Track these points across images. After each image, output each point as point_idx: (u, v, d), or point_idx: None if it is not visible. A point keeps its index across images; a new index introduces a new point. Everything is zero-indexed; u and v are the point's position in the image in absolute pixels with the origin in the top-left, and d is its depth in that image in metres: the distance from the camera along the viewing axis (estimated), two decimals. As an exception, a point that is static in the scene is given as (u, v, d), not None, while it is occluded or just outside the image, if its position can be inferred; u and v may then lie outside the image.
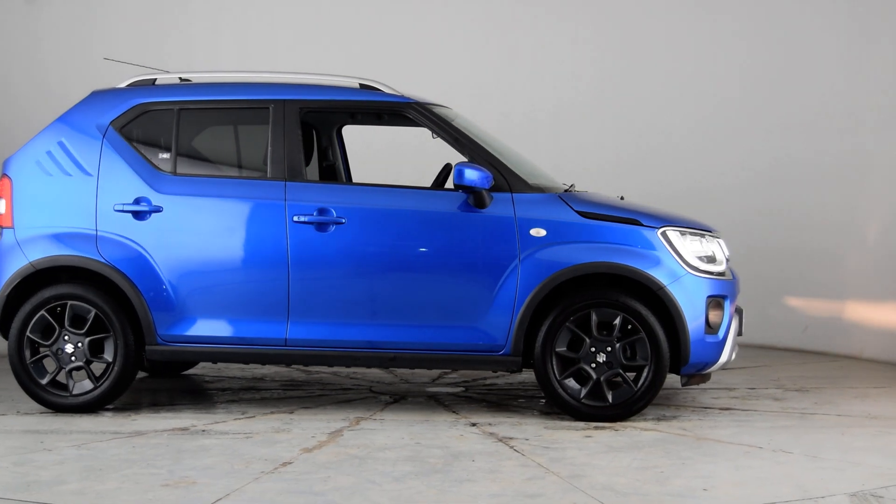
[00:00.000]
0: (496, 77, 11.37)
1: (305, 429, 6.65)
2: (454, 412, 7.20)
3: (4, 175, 7.27)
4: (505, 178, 6.99)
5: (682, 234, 7.00)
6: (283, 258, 6.98)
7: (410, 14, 11.42)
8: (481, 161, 7.02)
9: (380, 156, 9.46)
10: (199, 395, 7.83)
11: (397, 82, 7.67)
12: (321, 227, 6.97)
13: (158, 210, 7.07)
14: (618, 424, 6.82)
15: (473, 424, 6.83)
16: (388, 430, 6.61)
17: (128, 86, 7.41)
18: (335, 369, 8.84)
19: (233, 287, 7.04)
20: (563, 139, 11.30)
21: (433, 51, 11.41)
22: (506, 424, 6.83)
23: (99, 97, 7.36)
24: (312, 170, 8.17)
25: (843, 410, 7.38)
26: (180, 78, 7.58)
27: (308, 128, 7.96)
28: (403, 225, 7.00)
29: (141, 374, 8.59)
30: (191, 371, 8.82)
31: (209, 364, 8.91)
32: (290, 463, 5.81)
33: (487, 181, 6.87)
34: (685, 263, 6.91)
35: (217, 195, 7.08)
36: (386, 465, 5.78)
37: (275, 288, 7.00)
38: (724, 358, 7.08)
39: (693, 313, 6.89)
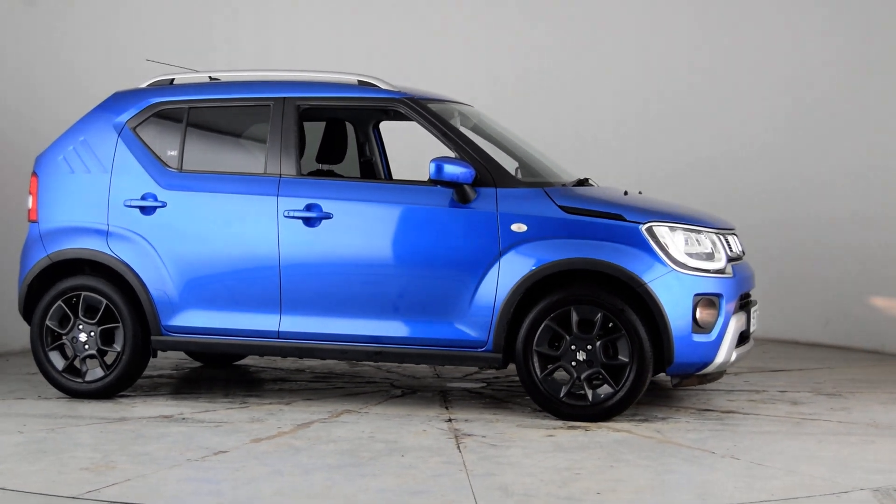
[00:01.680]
0: (567, 78, 11.27)
1: (281, 420, 6.78)
2: (445, 408, 7.19)
3: (33, 172, 7.69)
4: (490, 173, 6.93)
5: (672, 229, 6.77)
6: (274, 252, 7.13)
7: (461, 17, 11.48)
8: (466, 156, 6.98)
9: (418, 150, 9.49)
10: (224, 384, 8.05)
11: (441, 80, 7.70)
12: (310, 221, 7.09)
13: (163, 205, 7.34)
14: (595, 424, 6.67)
15: (449, 420, 6.81)
16: (357, 424, 6.68)
17: (148, 86, 7.71)
18: (379, 363, 8.93)
19: (229, 280, 7.23)
20: (651, 141, 11.12)
21: (479, 49, 11.48)
22: (480, 422, 6.77)
23: (118, 97, 7.69)
24: (349, 166, 8.30)
25: (853, 418, 6.98)
26: (210, 77, 7.83)
27: (341, 124, 8.08)
28: (388, 220, 7.04)
29: (195, 364, 8.91)
30: (243, 361, 9.07)
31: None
32: (226, 452, 5.96)
33: (467, 176, 6.83)
34: (671, 260, 6.69)
35: (216, 190, 7.29)
36: (314, 457, 5.86)
37: (268, 281, 7.16)
38: (720, 359, 6.81)
39: (678, 312, 6.66)
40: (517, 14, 11.50)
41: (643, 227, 6.75)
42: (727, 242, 7.12)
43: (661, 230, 6.76)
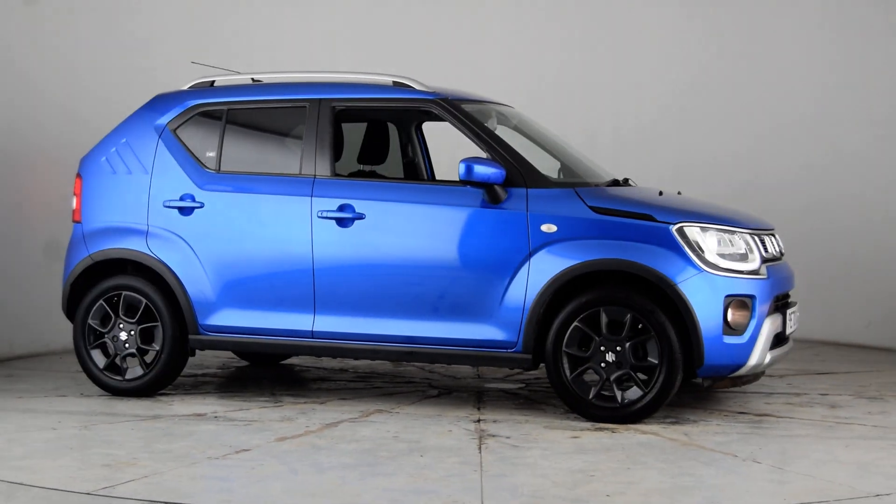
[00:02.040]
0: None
1: (311, 419, 6.83)
2: (477, 409, 7.19)
3: (77, 174, 7.83)
4: (521, 173, 6.91)
5: (704, 230, 6.69)
6: (308, 253, 7.18)
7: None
8: (497, 156, 6.96)
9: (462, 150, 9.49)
10: (267, 383, 8.13)
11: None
12: (343, 222, 7.13)
13: (200, 206, 7.43)
14: (624, 426, 6.62)
15: (478, 421, 6.80)
16: (385, 424, 6.70)
17: (189, 88, 7.81)
18: (422, 364, 8.94)
19: (264, 280, 7.30)
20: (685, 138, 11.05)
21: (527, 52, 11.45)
22: (509, 423, 6.76)
23: (160, 99, 7.81)
24: (393, 167, 8.33)
25: (889, 422, 6.84)
26: (252, 79, 7.91)
27: (382, 125, 8.12)
28: (419, 220, 7.05)
29: (242, 363, 9.01)
30: (289, 360, 9.15)
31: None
32: (248, 450, 6.02)
33: (498, 176, 6.82)
34: (702, 261, 6.61)
35: (252, 191, 7.36)
36: (332, 456, 5.89)
37: (302, 281, 7.21)
38: (753, 361, 6.71)
39: (708, 313, 6.58)
40: (555, 13, 11.49)
41: (674, 228, 6.68)
42: (763, 243, 7.02)
43: (693, 230, 6.68)
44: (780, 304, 7.03)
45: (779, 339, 7.00)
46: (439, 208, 7.02)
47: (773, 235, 7.43)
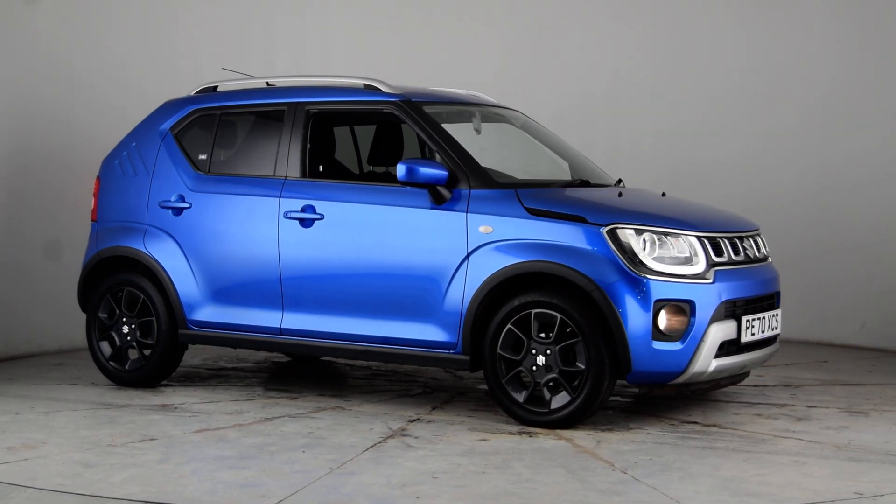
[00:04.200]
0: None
1: (259, 414, 7.03)
2: (432, 409, 7.20)
3: (97, 176, 8.33)
4: (466, 174, 6.90)
5: (639, 232, 6.49)
6: (276, 252, 7.40)
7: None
8: (445, 157, 6.98)
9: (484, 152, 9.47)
10: (295, 379, 8.39)
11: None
12: (305, 222, 7.30)
13: (189, 206, 7.77)
14: (546, 431, 6.51)
15: (414, 420, 6.84)
16: (319, 420, 6.83)
17: (195, 93, 8.17)
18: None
19: (241, 278, 7.56)
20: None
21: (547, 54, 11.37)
22: (441, 423, 6.73)
23: (167, 105, 8.21)
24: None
25: (828, 438, 6.42)
26: (267, 83, 8.22)
27: (394, 126, 8.24)
28: (371, 221, 7.14)
29: (283, 359, 9.30)
30: (330, 358, 9.36)
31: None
32: (154, 439, 6.30)
33: (439, 178, 6.83)
34: (633, 264, 6.42)
35: (231, 192, 7.64)
36: (221, 448, 6.10)
37: (271, 280, 7.43)
38: (695, 369, 6.47)
39: (636, 318, 6.38)
40: (551, 19, 11.54)
41: (604, 230, 6.51)
42: (729, 246, 6.74)
43: (625, 232, 6.50)
44: (741, 310, 6.71)
45: (741, 347, 6.71)
46: (389, 209, 7.09)
47: (753, 237, 7.12)
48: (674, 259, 6.51)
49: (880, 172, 10.20)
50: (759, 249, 7.16)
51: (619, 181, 7.84)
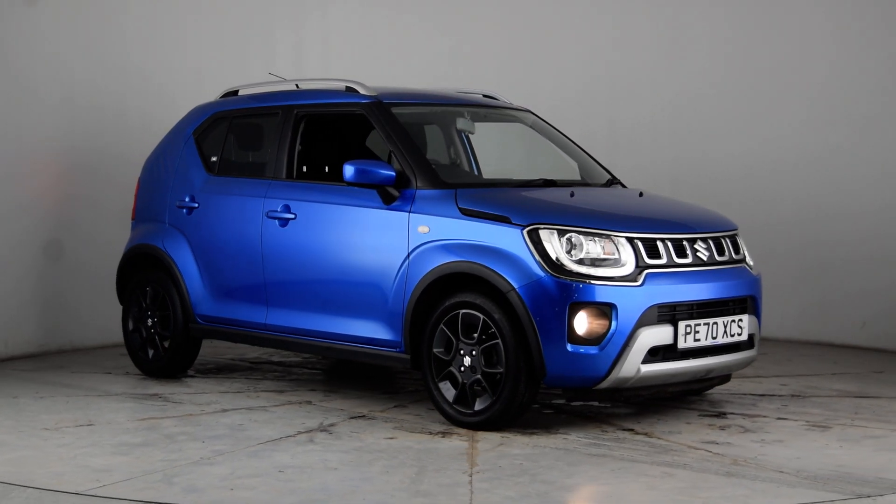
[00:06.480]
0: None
1: (223, 405, 7.33)
2: (383, 410, 7.29)
3: (139, 178, 8.85)
4: (415, 175, 6.96)
5: (562, 232, 6.38)
6: (259, 250, 7.68)
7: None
8: (399, 157, 7.07)
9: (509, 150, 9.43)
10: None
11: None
12: (282, 222, 7.55)
13: (197, 206, 8.16)
14: (465, 432, 6.50)
15: (361, 417, 6.95)
16: (261, 413, 7.05)
17: (220, 98, 8.56)
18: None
19: (235, 274, 7.89)
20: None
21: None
22: (377, 421, 6.85)
23: (196, 110, 8.63)
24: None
25: (741, 454, 6.09)
26: (296, 85, 8.52)
27: (419, 128, 8.38)
28: (333, 220, 7.31)
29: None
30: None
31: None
32: (92, 425, 6.70)
33: (385, 178, 6.93)
34: (549, 265, 6.32)
35: (229, 193, 7.98)
36: (136, 435, 6.42)
37: (256, 277, 7.72)
38: (619, 374, 6.30)
39: (549, 320, 6.28)
40: (553, 15, 11.41)
41: (524, 230, 6.44)
42: (672, 248, 6.53)
43: (546, 233, 6.40)
44: (682, 314, 6.46)
45: (685, 353, 6.49)
46: (347, 209, 7.24)
47: (721, 238, 6.86)
48: (598, 261, 6.35)
49: (884, 171, 9.97)
50: (724, 252, 6.86)
51: (610, 181, 7.70)
